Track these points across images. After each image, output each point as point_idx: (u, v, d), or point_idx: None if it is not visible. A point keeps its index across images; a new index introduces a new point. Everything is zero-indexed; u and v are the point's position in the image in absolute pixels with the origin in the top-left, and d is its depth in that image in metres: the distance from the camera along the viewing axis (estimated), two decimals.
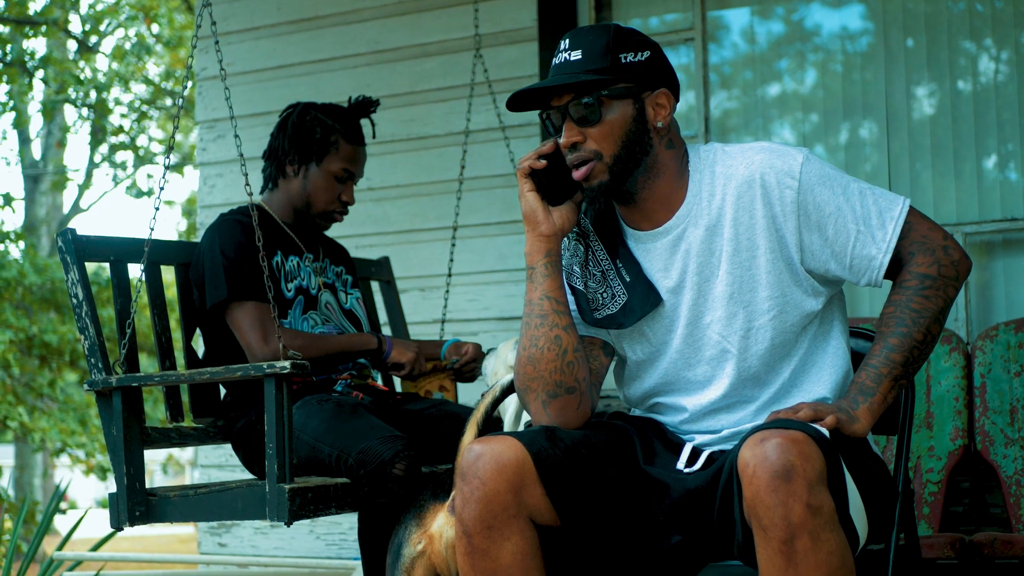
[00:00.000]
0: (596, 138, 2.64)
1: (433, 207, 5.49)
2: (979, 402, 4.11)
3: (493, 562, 2.49)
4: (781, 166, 2.62)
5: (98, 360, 3.40)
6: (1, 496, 13.41)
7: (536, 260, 2.71)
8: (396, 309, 4.49)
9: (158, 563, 7.24)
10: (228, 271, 3.60)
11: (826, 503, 2.27)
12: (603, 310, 2.75)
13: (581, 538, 2.62)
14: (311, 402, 3.56)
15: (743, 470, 2.30)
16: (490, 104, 5.01)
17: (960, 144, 4.89)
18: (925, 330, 2.59)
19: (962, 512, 4.37)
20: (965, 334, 4.63)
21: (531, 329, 2.69)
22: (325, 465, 3.42)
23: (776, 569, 2.27)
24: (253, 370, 3.15)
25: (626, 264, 2.73)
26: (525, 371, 2.69)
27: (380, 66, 5.69)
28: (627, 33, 2.67)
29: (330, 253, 3.98)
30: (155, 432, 3.57)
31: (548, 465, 2.52)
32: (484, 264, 5.41)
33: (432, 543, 2.85)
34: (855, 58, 5.12)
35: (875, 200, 2.63)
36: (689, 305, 2.68)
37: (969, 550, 3.60)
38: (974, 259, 4.74)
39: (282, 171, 3.85)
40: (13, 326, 14.60)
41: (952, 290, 2.63)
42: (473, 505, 2.48)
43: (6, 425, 15.02)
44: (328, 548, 5.61)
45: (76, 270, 3.45)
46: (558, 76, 2.65)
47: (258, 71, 5.93)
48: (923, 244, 2.63)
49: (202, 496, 3.31)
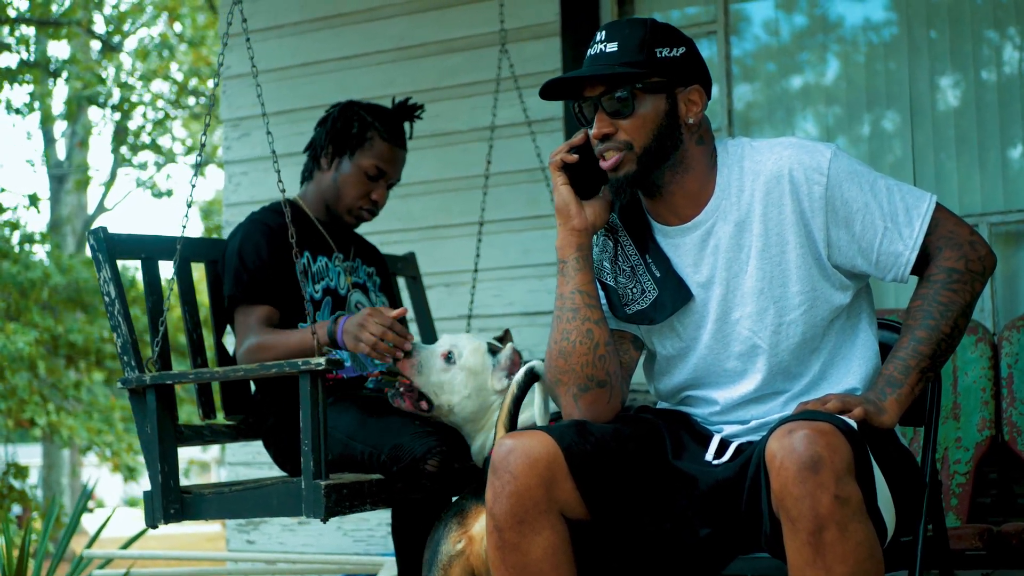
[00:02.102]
0: (627, 130, 2.65)
1: (459, 203, 5.50)
2: (1006, 392, 4.10)
3: (524, 556, 2.50)
4: (809, 162, 2.63)
5: (131, 358, 3.41)
6: (28, 496, 13.48)
7: (568, 254, 2.72)
8: (422, 305, 4.50)
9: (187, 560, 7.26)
10: (237, 273, 3.64)
11: (854, 494, 2.27)
12: (633, 305, 2.75)
13: (610, 532, 2.63)
14: (343, 399, 3.58)
15: (771, 462, 2.31)
16: (515, 99, 5.02)
17: (984, 134, 4.87)
18: (953, 323, 2.59)
19: (990, 503, 4.36)
20: (991, 324, 4.62)
21: (563, 323, 2.70)
22: (358, 462, 3.43)
23: (804, 560, 2.28)
24: (288, 367, 3.16)
25: (655, 259, 2.74)
26: (557, 364, 2.70)
27: (405, 62, 5.70)
28: (664, 28, 2.68)
29: (361, 253, 3.98)
30: (188, 430, 3.59)
31: (579, 460, 2.53)
32: (509, 259, 5.42)
33: (472, 544, 2.85)
34: (878, 49, 5.11)
35: (902, 196, 2.64)
36: (719, 300, 2.69)
37: (997, 541, 3.59)
38: (999, 250, 4.73)
39: (317, 163, 3.87)
40: (39, 326, 14.66)
41: (979, 284, 2.63)
42: (504, 500, 2.49)
43: (33, 423, 15.08)
44: (356, 544, 5.63)
45: (108, 268, 3.47)
46: (593, 67, 2.66)
47: (283, 69, 5.95)
48: (950, 239, 2.63)
49: (237, 493, 3.33)
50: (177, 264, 3.54)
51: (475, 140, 5.42)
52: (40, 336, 14.59)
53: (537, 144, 4.97)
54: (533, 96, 5.24)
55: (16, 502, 13.47)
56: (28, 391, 14.59)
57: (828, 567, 2.25)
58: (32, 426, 15.44)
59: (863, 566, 2.26)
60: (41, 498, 16.13)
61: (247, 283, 3.62)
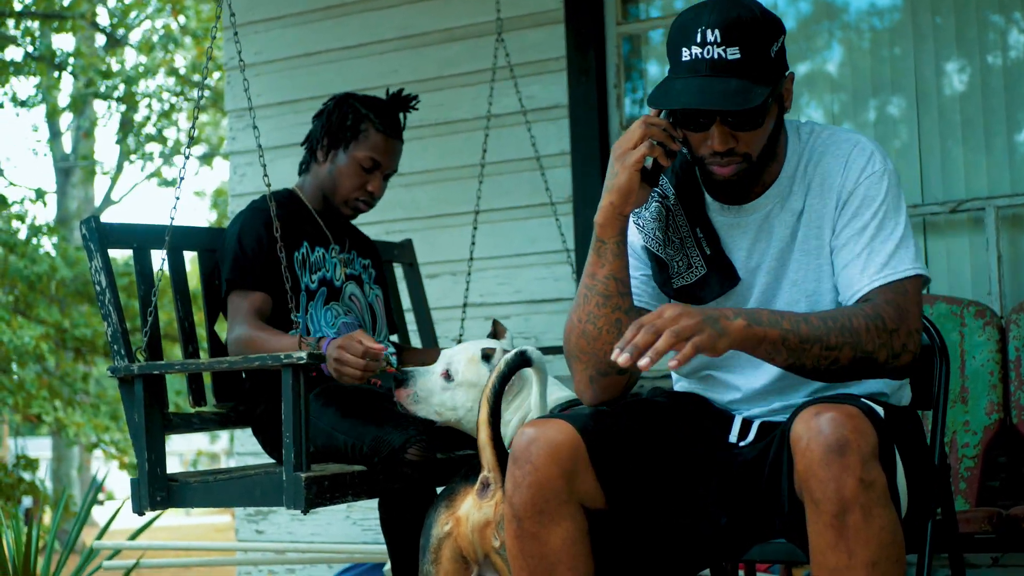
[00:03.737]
0: (748, 141, 2.53)
1: (462, 191, 5.49)
2: (1014, 376, 4.09)
3: (543, 546, 2.48)
4: (862, 164, 2.59)
5: (121, 347, 3.44)
6: (38, 488, 13.50)
7: (609, 235, 2.60)
8: (419, 292, 4.50)
9: (196, 551, 7.27)
10: (235, 258, 3.66)
11: (879, 479, 2.25)
12: (678, 280, 2.70)
13: (629, 523, 2.61)
14: (328, 391, 3.61)
15: (796, 443, 2.29)
16: (513, 88, 5.01)
17: (991, 118, 4.86)
18: (840, 346, 2.45)
19: (999, 487, 4.35)
20: (999, 308, 4.61)
21: (590, 306, 2.62)
22: (341, 453, 3.47)
23: (827, 543, 2.26)
24: (271, 360, 3.18)
25: (707, 235, 2.68)
26: (578, 343, 2.64)
27: (407, 51, 5.69)
28: (768, 16, 2.53)
29: (357, 245, 4.00)
30: (176, 417, 3.61)
31: (600, 450, 2.51)
32: (515, 247, 5.41)
33: (459, 525, 2.86)
34: (883, 35, 5.09)
35: (897, 249, 2.56)
36: (762, 289, 2.66)
37: (1007, 524, 3.59)
38: (1007, 233, 4.72)
39: (314, 156, 3.90)
40: (46, 321, 14.67)
41: (886, 354, 2.48)
42: (525, 490, 2.47)
43: (41, 420, 15.10)
44: (364, 533, 5.63)
45: (99, 257, 3.48)
46: (715, 81, 2.46)
47: (285, 59, 5.95)
48: (900, 310, 2.51)
49: (222, 482, 3.36)
50: (168, 252, 3.55)
51: (477, 129, 5.41)
52: (47, 331, 14.60)
53: (532, 134, 4.96)
54: (534, 84, 5.25)
55: (26, 494, 13.49)
56: (37, 385, 14.61)
57: (851, 550, 2.24)
58: (39, 422, 15.46)
59: (886, 551, 2.25)
60: (51, 491, 16.14)
61: (244, 268, 3.64)
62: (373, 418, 3.43)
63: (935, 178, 4.92)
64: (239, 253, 3.65)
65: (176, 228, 3.60)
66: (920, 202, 4.88)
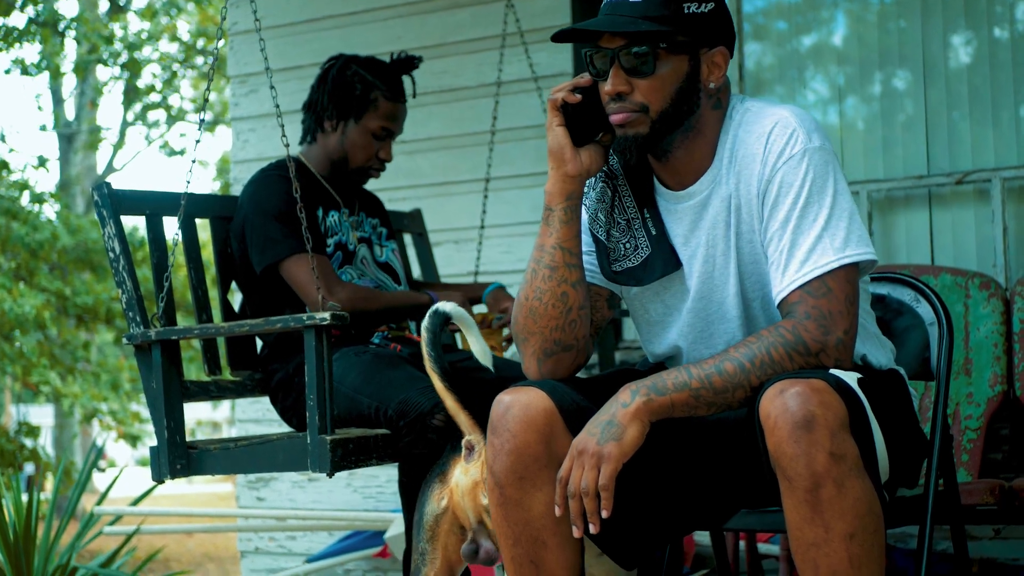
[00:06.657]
0: (644, 91, 2.50)
1: (466, 159, 5.48)
2: (1018, 348, 4.08)
3: (526, 512, 2.48)
4: (782, 144, 2.48)
5: (136, 314, 3.40)
6: (39, 455, 13.53)
7: (556, 202, 2.57)
8: (429, 261, 4.48)
9: (196, 517, 7.29)
10: (283, 227, 3.58)
11: (850, 450, 2.24)
12: (624, 262, 2.65)
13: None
14: (349, 354, 3.57)
15: (765, 421, 2.28)
16: (522, 55, 4.98)
17: (998, 91, 4.84)
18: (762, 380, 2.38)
19: (1001, 459, 4.35)
20: (1004, 280, 4.60)
21: (537, 280, 2.58)
22: (364, 417, 3.43)
23: (802, 518, 2.25)
24: (293, 322, 3.15)
25: (653, 217, 2.63)
26: (525, 323, 2.60)
27: (411, 18, 5.67)
28: None
29: (366, 206, 3.97)
30: (194, 385, 3.58)
31: (575, 415, 2.50)
32: (518, 216, 5.40)
33: (452, 497, 2.85)
34: (891, 7, 5.07)
35: (819, 239, 2.43)
36: (702, 277, 2.59)
37: (1009, 496, 3.58)
38: (1012, 205, 4.71)
39: (320, 126, 3.83)
40: (47, 289, 14.66)
41: (801, 360, 2.40)
42: (504, 457, 2.47)
43: (39, 390, 15.11)
44: (365, 500, 5.64)
45: (113, 224, 3.45)
46: (614, 17, 2.48)
47: (289, 24, 5.93)
48: (822, 320, 2.40)
49: (243, 448, 3.32)
50: (182, 220, 3.52)
51: (482, 96, 5.39)
52: (48, 300, 14.59)
53: (544, 100, 4.94)
54: (540, 51, 5.22)
55: (28, 460, 13.52)
56: (37, 353, 14.60)
57: (827, 524, 2.23)
58: (38, 391, 15.46)
59: (862, 521, 2.24)
60: (53, 458, 16.16)
61: (298, 233, 3.52)
62: (397, 382, 3.39)
63: (941, 150, 4.91)
64: (282, 221, 3.58)
65: (190, 195, 3.56)
66: (926, 173, 4.87)
